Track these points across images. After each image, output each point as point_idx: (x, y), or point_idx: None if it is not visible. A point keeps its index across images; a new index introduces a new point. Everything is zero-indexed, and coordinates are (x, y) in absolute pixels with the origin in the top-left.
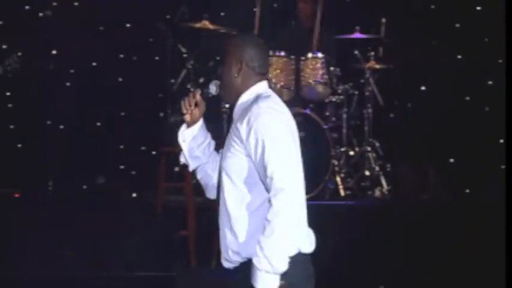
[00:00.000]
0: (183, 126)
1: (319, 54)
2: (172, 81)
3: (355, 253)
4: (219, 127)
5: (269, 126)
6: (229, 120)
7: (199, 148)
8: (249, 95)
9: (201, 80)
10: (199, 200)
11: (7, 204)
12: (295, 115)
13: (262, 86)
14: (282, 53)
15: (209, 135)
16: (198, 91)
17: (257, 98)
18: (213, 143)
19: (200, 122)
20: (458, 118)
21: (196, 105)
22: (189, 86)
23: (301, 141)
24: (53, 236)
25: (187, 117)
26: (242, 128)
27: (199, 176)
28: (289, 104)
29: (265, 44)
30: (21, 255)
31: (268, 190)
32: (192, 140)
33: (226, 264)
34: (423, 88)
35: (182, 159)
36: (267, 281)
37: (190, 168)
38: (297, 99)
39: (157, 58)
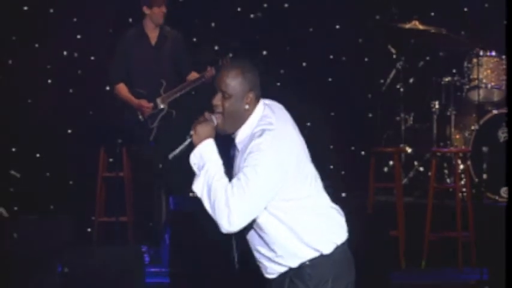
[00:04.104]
0: None
1: None
2: (382, 81)
3: None
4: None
5: (263, 161)
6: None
7: None
8: (252, 121)
9: (411, 81)
10: (408, 200)
11: None
12: (505, 115)
13: (260, 108)
14: (493, 53)
15: None
16: None
17: (261, 130)
18: None
19: None
20: None
21: None
22: (398, 86)
23: None
24: None
25: None
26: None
27: None
28: (500, 104)
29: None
30: None
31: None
32: None
33: (269, 276)
34: None
35: None
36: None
37: None
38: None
39: (366, 59)
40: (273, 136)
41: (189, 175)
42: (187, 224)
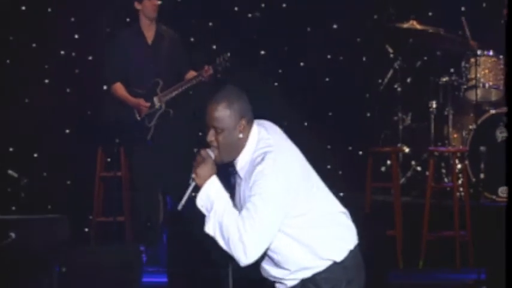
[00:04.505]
0: None
1: None
2: (379, 81)
3: None
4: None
5: (269, 187)
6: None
7: None
8: (250, 146)
9: (409, 80)
10: (406, 199)
11: None
12: (504, 115)
13: (255, 132)
14: (491, 53)
15: None
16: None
17: (262, 153)
18: None
19: None
20: None
21: None
22: (396, 86)
23: None
24: None
25: None
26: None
27: None
28: (498, 104)
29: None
30: None
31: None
32: None
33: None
34: None
35: None
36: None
37: None
38: (505, 99)
39: (364, 59)
40: (274, 159)
41: (187, 174)
42: (184, 223)
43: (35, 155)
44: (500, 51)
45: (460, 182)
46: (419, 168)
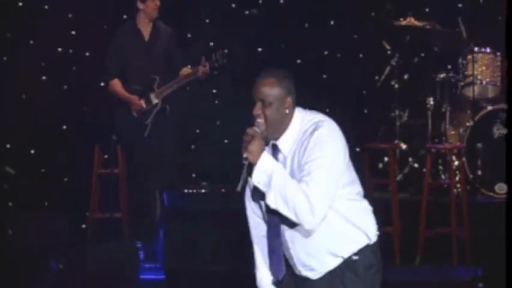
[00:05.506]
0: None
1: None
2: (376, 78)
3: None
4: None
5: (329, 149)
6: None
7: None
8: (295, 125)
9: (406, 77)
10: (403, 196)
11: None
12: (501, 111)
13: (300, 113)
14: (488, 50)
15: None
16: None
17: (314, 124)
18: None
19: None
20: None
21: None
22: (393, 83)
23: None
24: None
25: None
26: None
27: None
28: (495, 100)
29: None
30: None
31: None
32: None
33: (317, 276)
34: None
35: None
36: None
37: None
38: (503, 96)
39: (361, 55)
40: (328, 127)
41: (183, 171)
42: (181, 219)
43: (32, 152)
44: (497, 48)
45: (457, 178)
46: (416, 165)
